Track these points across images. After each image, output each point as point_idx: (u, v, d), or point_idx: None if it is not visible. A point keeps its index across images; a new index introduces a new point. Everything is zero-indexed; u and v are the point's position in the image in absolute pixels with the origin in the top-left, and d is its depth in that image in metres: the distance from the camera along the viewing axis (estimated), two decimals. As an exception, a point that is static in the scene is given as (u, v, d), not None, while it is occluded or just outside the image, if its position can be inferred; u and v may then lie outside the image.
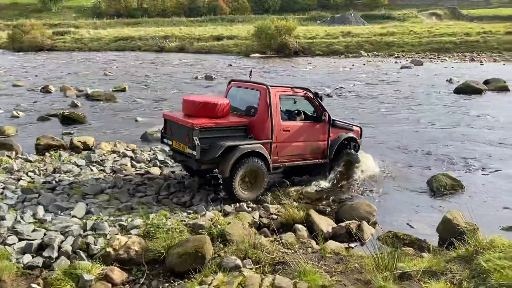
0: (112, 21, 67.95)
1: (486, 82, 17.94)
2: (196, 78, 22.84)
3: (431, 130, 11.63)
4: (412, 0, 75.59)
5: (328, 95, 16.70)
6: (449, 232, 5.08)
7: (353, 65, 28.47)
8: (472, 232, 4.62)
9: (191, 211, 5.96)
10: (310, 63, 29.97)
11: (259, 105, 6.90)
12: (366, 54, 35.04)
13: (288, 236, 5.24)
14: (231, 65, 29.92)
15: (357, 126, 8.32)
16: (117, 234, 4.99)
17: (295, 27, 38.70)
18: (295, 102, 7.49)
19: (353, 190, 7.43)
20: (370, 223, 5.88)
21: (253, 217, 5.78)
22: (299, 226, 5.53)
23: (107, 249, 4.60)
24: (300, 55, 36.61)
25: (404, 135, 11.04)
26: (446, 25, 45.29)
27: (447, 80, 19.97)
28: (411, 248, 5.04)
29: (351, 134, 7.91)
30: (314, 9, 72.14)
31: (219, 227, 5.08)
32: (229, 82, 7.92)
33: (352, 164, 7.92)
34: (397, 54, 34.25)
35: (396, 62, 29.23)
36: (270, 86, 6.94)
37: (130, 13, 74.09)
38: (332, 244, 5.07)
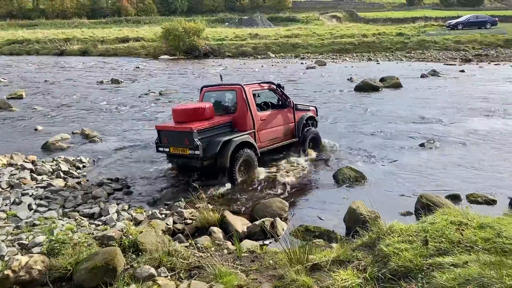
0: (4, 22, 62.42)
1: (382, 80, 19.41)
2: (101, 82, 21.82)
3: (335, 126, 12.31)
4: (314, 4, 79.62)
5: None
6: (354, 221, 5.41)
7: (262, 66, 29.15)
8: (374, 219, 4.98)
9: (100, 223, 5.68)
10: (221, 65, 30.13)
11: (237, 103, 8.06)
12: (274, 56, 36.10)
13: (204, 240, 5.22)
14: (138, 67, 29.03)
15: (313, 106, 10.07)
16: (16, 254, 4.58)
17: (204, 28, 38.68)
18: (258, 96, 8.71)
19: (266, 188, 7.61)
20: (283, 219, 6.07)
21: (167, 224, 5.66)
22: (215, 228, 5.54)
23: (5, 272, 4.19)
24: (210, 57, 36.66)
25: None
26: (346, 27, 48.31)
27: (348, 79, 21.26)
28: (321, 240, 5.28)
29: (310, 114, 9.60)
30: (221, 11, 72.76)
31: (130, 237, 4.90)
32: (201, 89, 8.83)
33: (317, 140, 9.61)
34: (303, 55, 35.74)
35: (302, 63, 30.46)
36: (243, 85, 8.11)
37: (25, 14, 68.65)
38: (247, 243, 5.15)
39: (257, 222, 5.68)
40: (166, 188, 7.56)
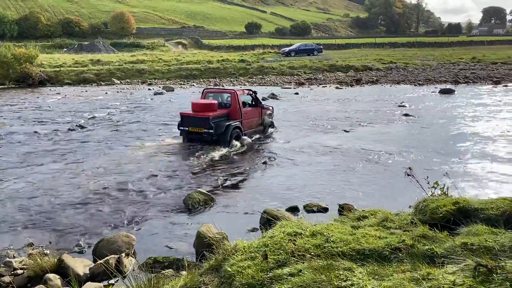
0: None
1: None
2: None
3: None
4: (158, 30, 79.91)
5: (82, 126, 15.81)
6: (203, 245, 5.40)
7: (106, 93, 27.86)
8: (220, 241, 5.04)
9: None
10: (59, 93, 27.88)
11: (232, 101, 12.70)
12: (119, 82, 34.85)
13: (37, 290, 4.64)
14: (-44, 99, 24.99)
15: (271, 107, 14.99)
16: None
17: (37, 54, 35.37)
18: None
19: (109, 222, 7.15)
20: (130, 253, 5.76)
21: (-10, 279, 4.89)
22: (50, 275, 4.96)
23: None
24: (46, 85, 33.63)
25: (148, 159, 11.35)
26: (192, 54, 49.41)
27: (196, 104, 21.60)
28: (171, 269, 5.15)
29: (269, 112, 14.35)
30: (58, 36, 67.77)
31: None
32: (203, 90, 13.66)
33: (272, 125, 14.38)
34: (150, 81, 35.24)
35: (149, 89, 30.00)
36: (236, 90, 12.84)
37: None
38: (90, 286, 4.74)
39: (100, 261, 5.28)
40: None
